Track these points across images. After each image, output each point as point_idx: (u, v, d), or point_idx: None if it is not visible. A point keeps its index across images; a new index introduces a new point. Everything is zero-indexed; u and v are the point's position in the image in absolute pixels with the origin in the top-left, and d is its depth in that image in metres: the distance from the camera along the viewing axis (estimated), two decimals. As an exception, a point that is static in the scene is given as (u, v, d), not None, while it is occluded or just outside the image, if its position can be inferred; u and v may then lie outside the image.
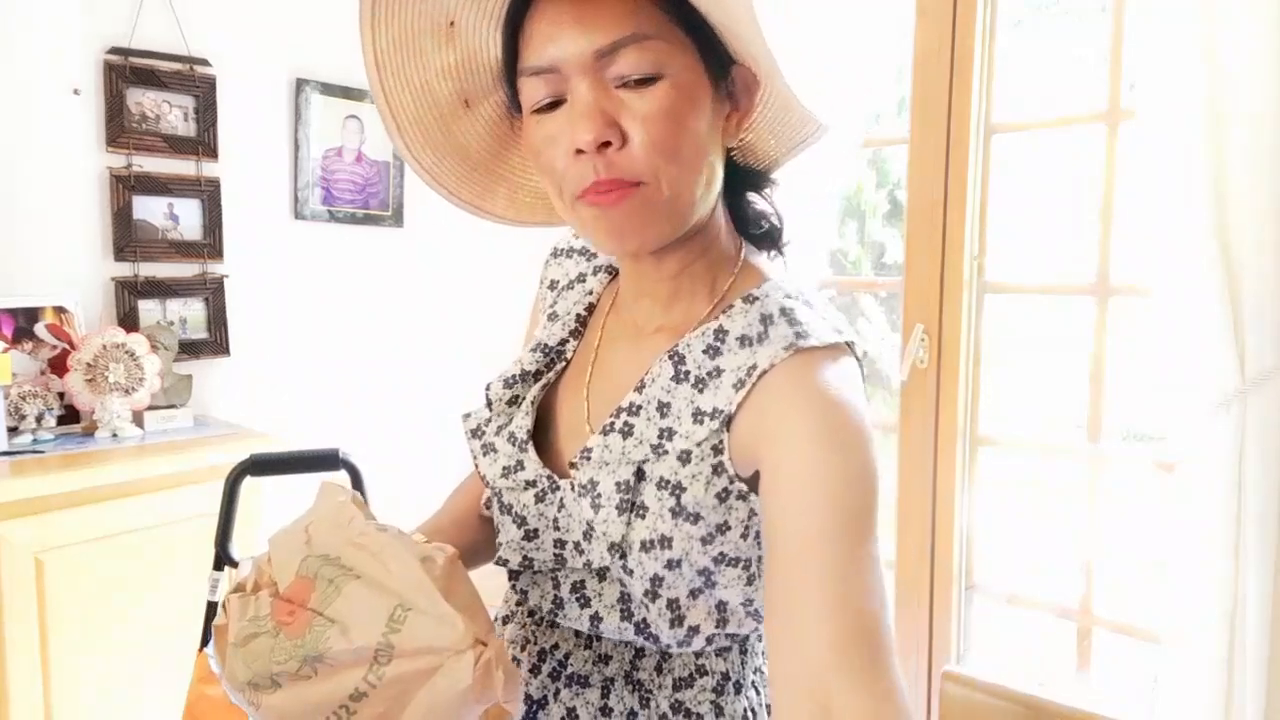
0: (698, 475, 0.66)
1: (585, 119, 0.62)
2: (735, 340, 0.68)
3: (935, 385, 1.96)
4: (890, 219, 4.02)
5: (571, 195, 0.66)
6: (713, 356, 0.69)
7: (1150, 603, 3.01)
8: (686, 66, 0.64)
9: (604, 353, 0.78)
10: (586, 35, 0.62)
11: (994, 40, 1.85)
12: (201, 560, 1.45)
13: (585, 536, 0.71)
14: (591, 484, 0.69)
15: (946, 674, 1.22)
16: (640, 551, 0.67)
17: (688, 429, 0.67)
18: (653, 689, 0.73)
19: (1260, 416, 1.40)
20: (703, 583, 0.68)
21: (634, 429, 0.70)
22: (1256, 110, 1.35)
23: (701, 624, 0.70)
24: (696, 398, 0.68)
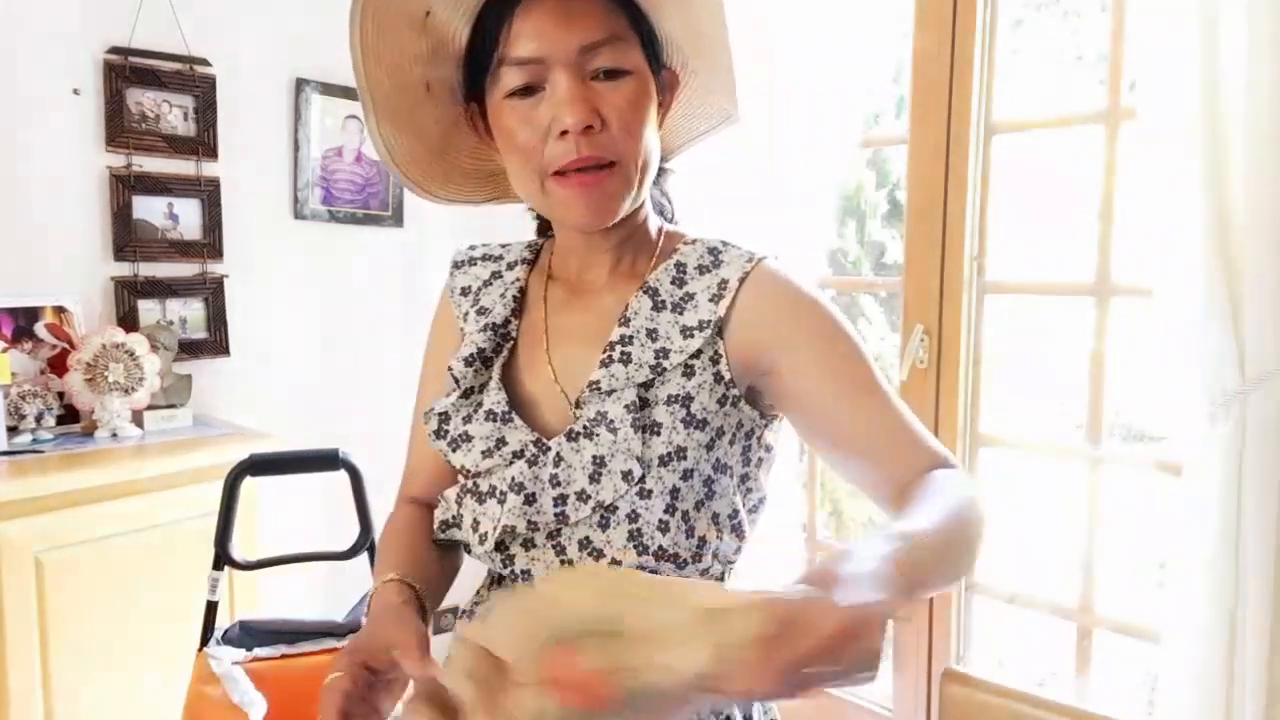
0: (703, 384, 0.76)
1: (574, 104, 0.72)
2: (694, 269, 0.80)
3: (935, 385, 1.96)
4: (890, 219, 4.02)
5: (546, 172, 0.75)
6: (680, 285, 0.79)
7: (1150, 603, 3.01)
8: (641, 65, 0.76)
9: (554, 322, 0.85)
10: (573, 33, 0.72)
11: (994, 40, 1.85)
12: (201, 560, 1.45)
13: (592, 479, 0.74)
14: (601, 415, 0.75)
15: (946, 674, 1.22)
16: (660, 467, 0.74)
17: (680, 344, 0.77)
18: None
19: (1260, 416, 1.40)
20: (705, 493, 0.76)
21: (631, 356, 0.77)
22: (1256, 110, 1.35)
23: (706, 535, 0.77)
24: (679, 319, 0.78)
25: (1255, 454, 1.41)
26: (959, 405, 1.93)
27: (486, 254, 0.93)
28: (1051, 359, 4.12)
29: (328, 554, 1.50)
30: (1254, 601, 1.41)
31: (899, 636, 2.07)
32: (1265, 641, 1.41)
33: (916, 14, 1.91)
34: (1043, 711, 1.12)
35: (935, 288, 1.94)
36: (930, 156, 1.92)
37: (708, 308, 0.77)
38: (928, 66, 1.91)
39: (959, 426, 1.94)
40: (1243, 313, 1.41)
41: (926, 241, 1.95)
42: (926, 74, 1.91)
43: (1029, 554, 3.62)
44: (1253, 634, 1.41)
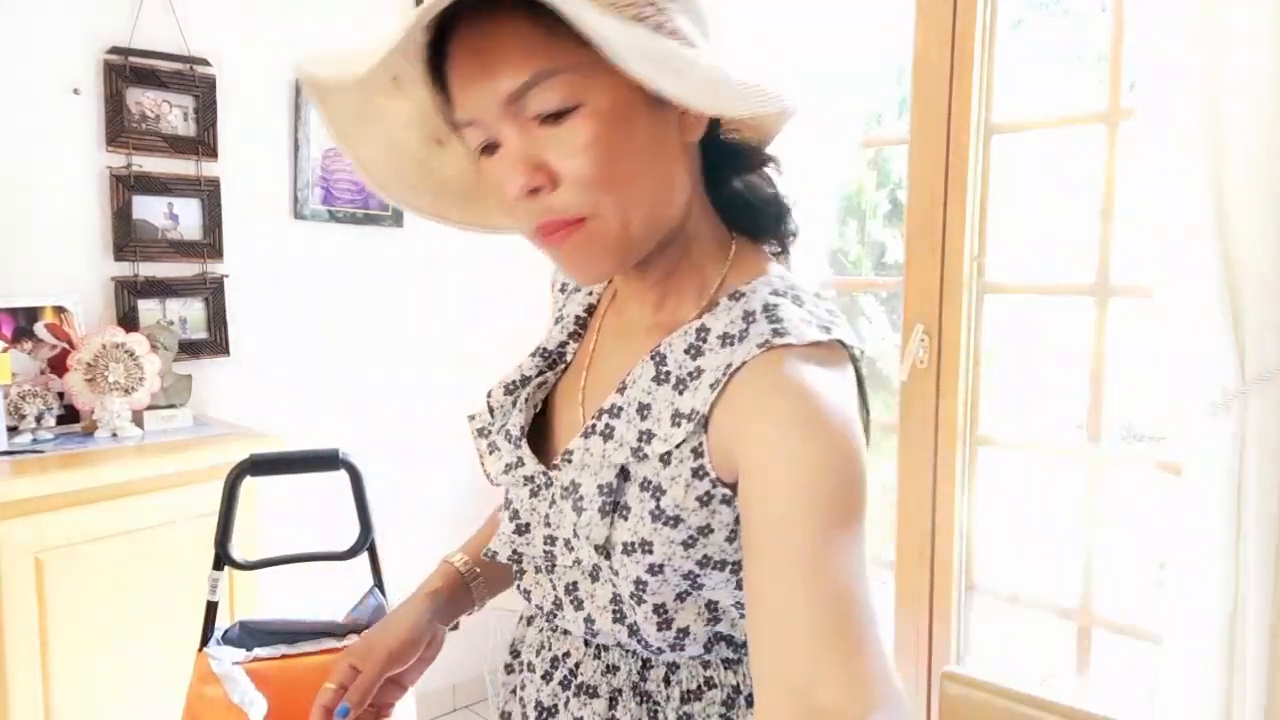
0: (677, 478, 0.65)
1: (510, 170, 0.62)
2: (717, 339, 0.67)
3: (935, 385, 1.96)
4: (890, 219, 4.02)
5: (527, 233, 0.66)
6: (694, 357, 0.67)
7: (1150, 603, 3.00)
8: (607, 86, 0.61)
9: (599, 353, 0.78)
10: (492, 84, 0.61)
11: (994, 40, 1.85)
12: (201, 560, 1.45)
13: (575, 534, 0.70)
14: (574, 485, 0.70)
15: (946, 674, 1.22)
16: (622, 554, 0.67)
17: (666, 431, 0.66)
18: (660, 701, 0.72)
19: (1260, 416, 1.40)
20: (689, 586, 0.68)
21: (614, 431, 0.69)
22: (1256, 110, 1.35)
23: (691, 625, 0.69)
24: (676, 399, 0.66)
25: (1255, 454, 1.41)
26: (959, 405, 1.93)
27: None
28: (1051, 359, 4.12)
29: (328, 554, 1.50)
30: (1254, 601, 1.41)
31: (899, 636, 2.07)
32: (1265, 641, 1.41)
33: (916, 14, 1.91)
34: (1043, 711, 1.12)
35: (935, 288, 1.94)
36: (930, 156, 1.92)
37: (704, 396, 0.64)
38: (928, 66, 1.91)
39: (959, 426, 1.94)
40: (1243, 313, 1.41)
41: (926, 241, 1.95)
42: (926, 74, 1.91)
43: (1029, 554, 3.63)
44: (1253, 634, 1.41)
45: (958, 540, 1.96)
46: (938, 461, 1.97)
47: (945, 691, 1.21)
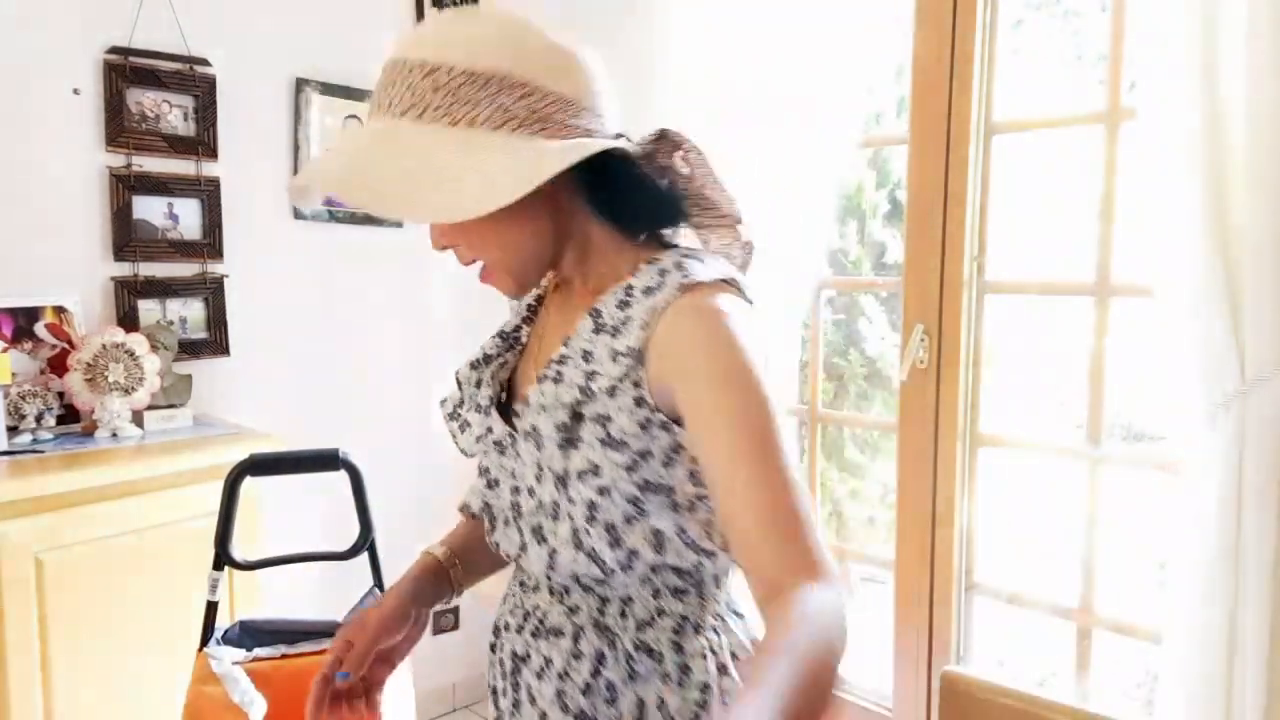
0: (622, 407, 0.79)
1: (431, 238, 0.84)
2: (641, 293, 0.81)
3: (935, 385, 1.96)
4: (890, 219, 4.02)
5: None
6: (623, 309, 0.81)
7: (1150, 603, 3.00)
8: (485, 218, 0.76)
9: (547, 331, 0.93)
10: None
11: (994, 40, 1.85)
12: (201, 560, 1.45)
13: (537, 479, 0.84)
14: (534, 428, 0.83)
15: (946, 674, 1.22)
16: (577, 480, 0.80)
17: (608, 368, 0.80)
18: (618, 632, 0.84)
19: (1260, 417, 1.40)
20: (635, 510, 0.79)
21: (563, 376, 0.82)
22: (1256, 110, 1.35)
23: (639, 548, 0.80)
24: (612, 342, 0.80)
25: (1255, 454, 1.41)
26: (959, 405, 1.93)
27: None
28: (1051, 359, 4.12)
29: (328, 554, 1.50)
30: (1254, 602, 1.41)
31: (899, 636, 2.07)
32: (1265, 641, 1.41)
33: (916, 14, 1.91)
34: (1043, 711, 1.12)
35: (935, 288, 1.94)
36: (930, 156, 1.92)
37: (636, 335, 0.79)
38: (928, 66, 1.91)
39: (959, 426, 1.94)
40: (1243, 313, 1.41)
41: (926, 241, 1.95)
42: (926, 74, 1.91)
43: (1029, 554, 3.62)
44: (1253, 634, 1.41)
45: (958, 540, 1.96)
46: (938, 461, 1.97)
47: (945, 691, 1.21)
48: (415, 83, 0.76)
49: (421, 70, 0.76)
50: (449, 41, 0.77)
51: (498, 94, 0.76)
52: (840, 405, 4.02)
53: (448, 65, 0.76)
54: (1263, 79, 1.34)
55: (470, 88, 0.76)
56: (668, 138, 0.86)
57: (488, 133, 0.76)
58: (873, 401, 4.04)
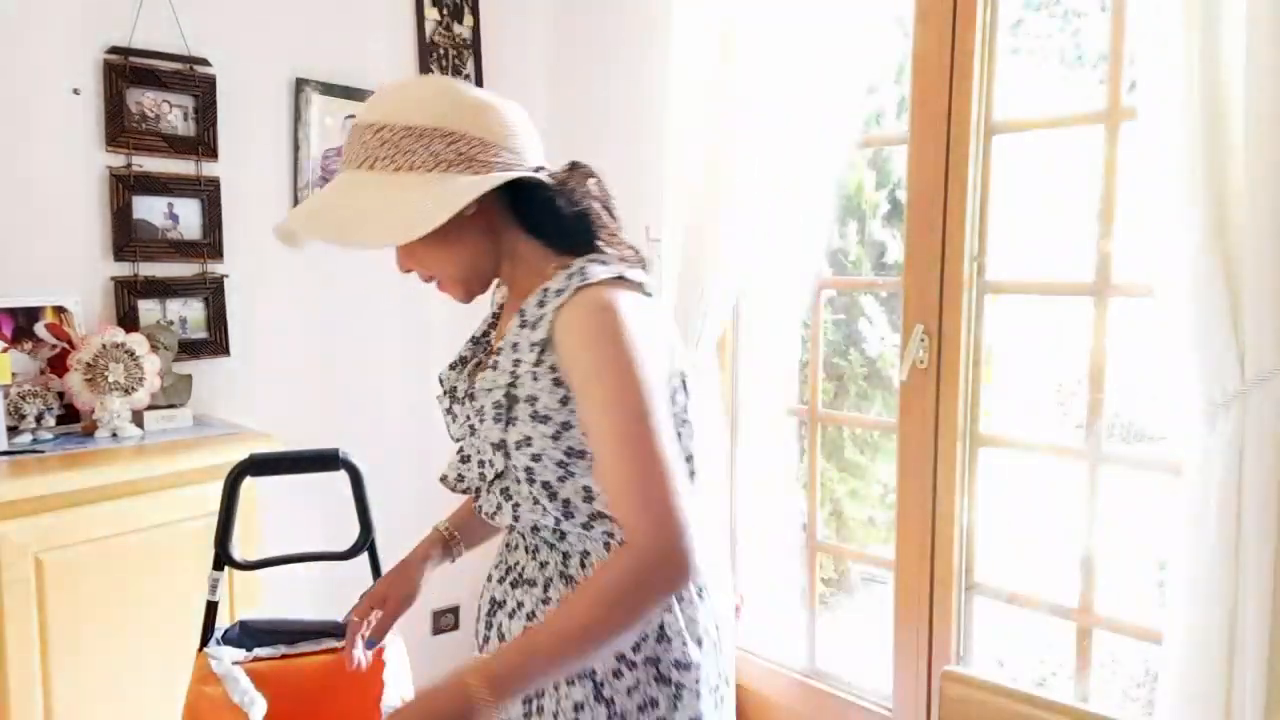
0: (544, 387, 0.98)
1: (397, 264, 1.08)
2: (554, 293, 1.00)
3: (935, 385, 1.96)
4: (890, 219, 4.02)
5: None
6: (540, 307, 1.00)
7: (1150, 603, 3.00)
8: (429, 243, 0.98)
9: (501, 332, 1.12)
10: None
11: (994, 40, 1.85)
12: (201, 560, 1.45)
13: (494, 450, 1.01)
14: (480, 408, 1.03)
15: (946, 674, 1.22)
16: (515, 449, 0.99)
17: (527, 356, 0.99)
18: (580, 581, 1.02)
19: (1260, 416, 1.40)
20: (564, 472, 0.99)
21: (499, 364, 1.02)
22: (1256, 110, 1.35)
23: (572, 499, 1.00)
24: (530, 335, 1.00)
25: (1255, 454, 1.41)
26: (959, 405, 1.93)
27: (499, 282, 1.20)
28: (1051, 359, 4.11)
29: (328, 554, 1.50)
30: (1254, 601, 1.41)
31: (899, 636, 2.07)
32: (1265, 641, 1.41)
33: (916, 14, 1.91)
34: (1043, 711, 1.12)
35: (935, 288, 1.94)
36: (930, 156, 1.92)
37: (545, 328, 0.98)
38: (928, 66, 1.91)
39: (959, 426, 1.94)
40: (1243, 313, 1.41)
41: (926, 241, 1.95)
42: (926, 74, 1.91)
43: (1029, 554, 3.62)
44: (1253, 634, 1.41)
45: (958, 540, 1.96)
46: (938, 461, 1.97)
47: (945, 691, 1.21)
48: (367, 140, 0.97)
49: (372, 130, 0.97)
50: (394, 104, 0.98)
51: (430, 142, 0.96)
52: (840, 405, 4.02)
53: (391, 123, 0.96)
54: (1263, 79, 1.34)
55: (409, 139, 0.96)
56: (579, 169, 1.08)
57: (423, 174, 0.96)
58: (873, 401, 4.04)
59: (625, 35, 2.51)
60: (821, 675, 2.30)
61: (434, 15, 2.57)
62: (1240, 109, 1.37)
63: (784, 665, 2.35)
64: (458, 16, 2.63)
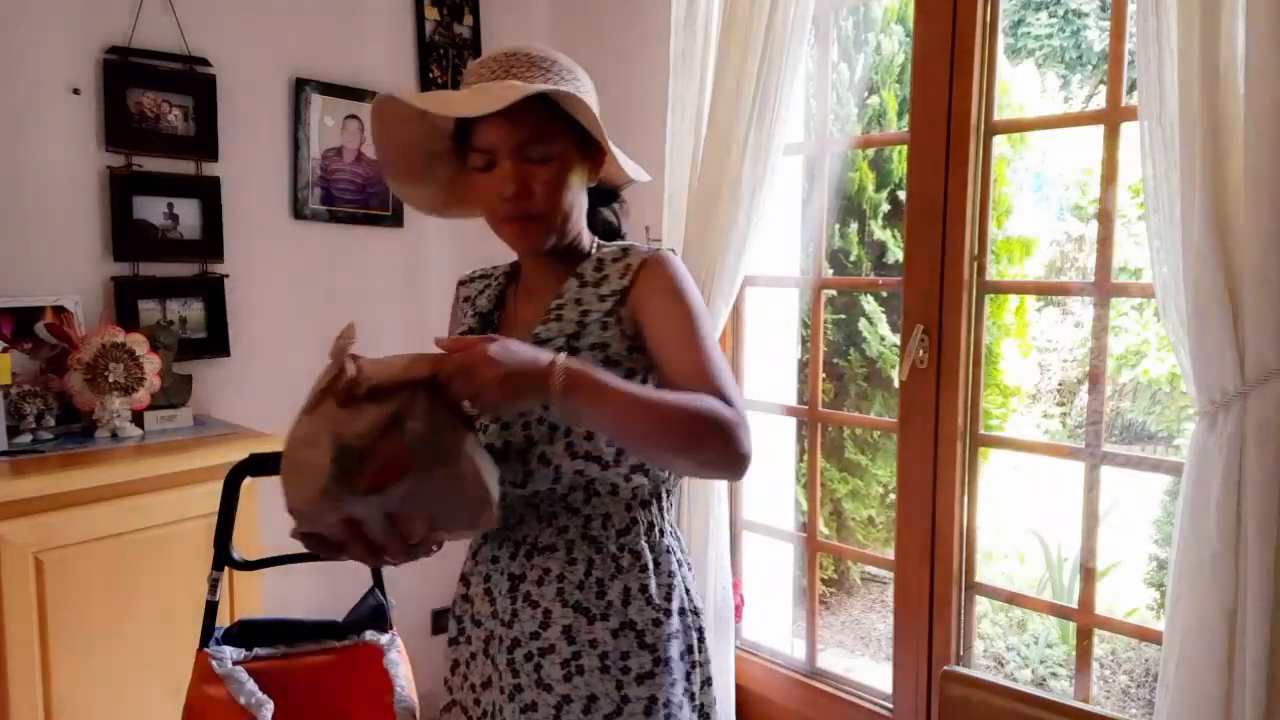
0: (614, 335, 1.09)
1: (511, 180, 1.06)
2: (609, 261, 1.14)
3: (935, 385, 1.96)
4: (890, 219, 4.02)
5: (498, 219, 1.11)
6: (599, 271, 1.14)
7: (1150, 603, 3.01)
8: (566, 149, 1.08)
9: (520, 313, 1.21)
10: (513, 133, 1.05)
11: (994, 40, 1.85)
12: (201, 560, 1.45)
13: (545, 406, 1.02)
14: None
15: (946, 674, 1.22)
16: None
17: (598, 306, 1.10)
18: (603, 540, 1.10)
19: (1260, 416, 1.40)
20: None
21: (562, 315, 1.11)
22: (1256, 110, 1.35)
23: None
24: (597, 290, 1.12)
25: (1255, 454, 1.41)
26: (959, 405, 1.93)
27: (480, 274, 1.30)
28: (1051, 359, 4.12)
29: (328, 554, 1.50)
30: (1254, 601, 1.41)
31: (899, 636, 2.07)
32: (1265, 641, 1.41)
33: (916, 14, 1.91)
34: (1043, 711, 1.12)
35: (935, 288, 1.94)
36: (930, 156, 1.92)
37: (617, 282, 1.11)
38: (928, 66, 1.91)
39: (959, 426, 1.94)
40: (1243, 313, 1.41)
41: (926, 241, 1.95)
42: (926, 74, 1.91)
43: (1029, 554, 3.63)
44: (1253, 634, 1.41)
45: (958, 540, 1.96)
46: (938, 461, 1.97)
47: (945, 691, 1.21)
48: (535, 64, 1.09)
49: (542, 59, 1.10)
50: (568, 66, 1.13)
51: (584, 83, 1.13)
52: (840, 405, 4.02)
53: (558, 58, 1.12)
54: (1263, 79, 1.34)
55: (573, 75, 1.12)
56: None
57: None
58: (873, 401, 4.03)
59: (625, 35, 2.51)
60: (821, 675, 2.30)
61: (434, 15, 2.57)
62: (1240, 109, 1.37)
63: (784, 665, 2.35)
64: (458, 16, 2.63)
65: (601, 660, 1.07)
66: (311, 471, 0.90)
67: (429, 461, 0.89)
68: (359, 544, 0.95)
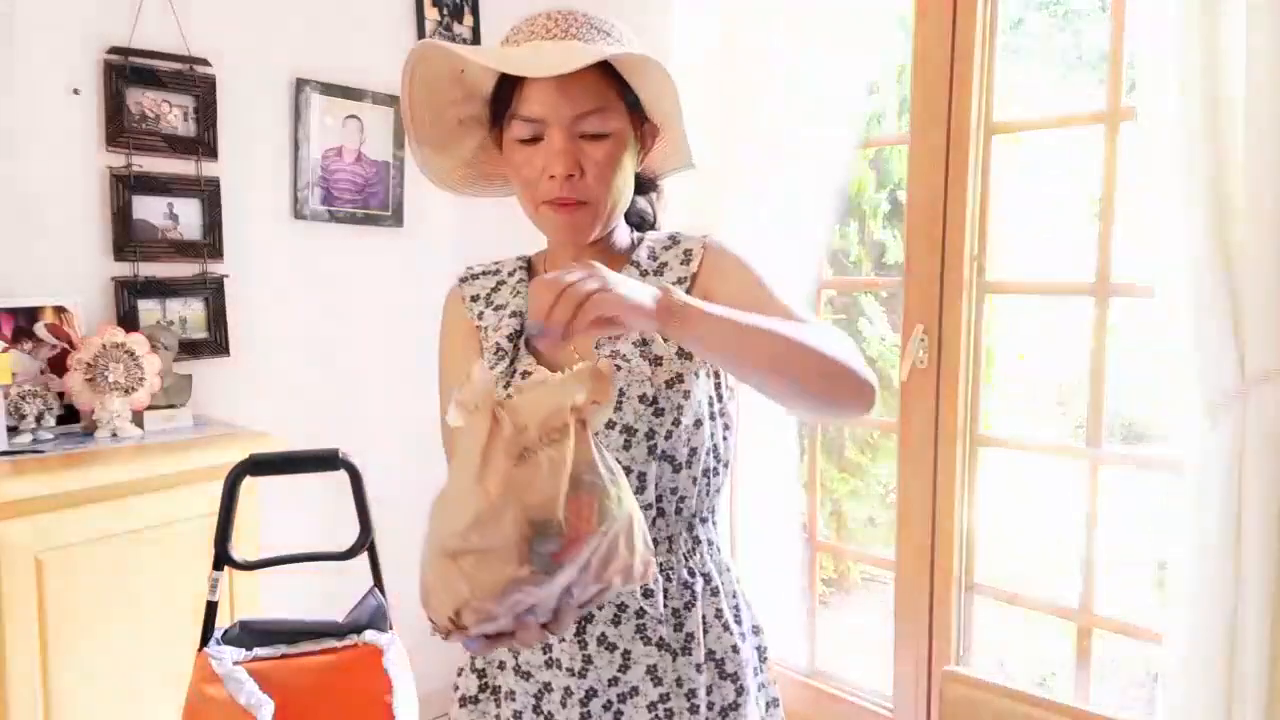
0: None
1: (562, 157, 0.94)
2: (661, 249, 1.06)
3: (935, 385, 1.96)
4: (890, 219, 4.02)
5: (539, 201, 0.97)
6: (653, 260, 1.05)
7: (1150, 603, 3.01)
8: (622, 126, 0.97)
9: None
10: (568, 103, 0.93)
11: (994, 40, 1.85)
12: (201, 560, 1.45)
13: (617, 408, 0.96)
14: (615, 353, 0.99)
15: (946, 674, 1.23)
16: (667, 389, 0.98)
17: None
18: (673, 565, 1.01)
19: (1260, 416, 1.40)
20: (711, 412, 1.03)
21: None
22: (1256, 110, 1.35)
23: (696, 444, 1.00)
24: (663, 276, 1.03)
25: (1255, 454, 1.41)
26: (959, 405, 1.93)
27: (484, 270, 1.15)
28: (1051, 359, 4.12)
29: (328, 554, 1.50)
30: (1254, 601, 1.41)
31: (899, 636, 2.07)
32: (1265, 641, 1.41)
33: (916, 14, 1.91)
34: (1043, 711, 1.12)
35: (935, 287, 1.94)
36: (930, 156, 1.92)
37: (681, 269, 1.03)
38: (928, 66, 1.91)
39: (959, 426, 1.94)
40: (1243, 313, 1.41)
41: (926, 241, 1.95)
42: (926, 74, 1.91)
43: (1029, 554, 3.63)
44: (1253, 634, 1.41)
45: (958, 540, 1.96)
46: (938, 461, 1.97)
47: (945, 691, 1.21)
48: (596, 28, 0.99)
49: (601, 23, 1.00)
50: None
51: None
52: (840, 405, 4.01)
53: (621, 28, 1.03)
54: (1263, 79, 1.34)
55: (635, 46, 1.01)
56: None
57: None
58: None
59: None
60: (821, 675, 2.30)
61: (434, 15, 2.57)
62: (1240, 109, 1.38)
63: (784, 665, 2.35)
64: (458, 16, 2.63)
65: (689, 699, 1.00)
66: (494, 559, 0.70)
67: (610, 515, 0.73)
68: (531, 628, 0.75)
